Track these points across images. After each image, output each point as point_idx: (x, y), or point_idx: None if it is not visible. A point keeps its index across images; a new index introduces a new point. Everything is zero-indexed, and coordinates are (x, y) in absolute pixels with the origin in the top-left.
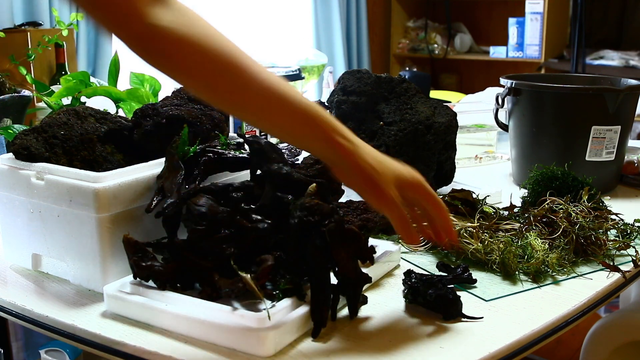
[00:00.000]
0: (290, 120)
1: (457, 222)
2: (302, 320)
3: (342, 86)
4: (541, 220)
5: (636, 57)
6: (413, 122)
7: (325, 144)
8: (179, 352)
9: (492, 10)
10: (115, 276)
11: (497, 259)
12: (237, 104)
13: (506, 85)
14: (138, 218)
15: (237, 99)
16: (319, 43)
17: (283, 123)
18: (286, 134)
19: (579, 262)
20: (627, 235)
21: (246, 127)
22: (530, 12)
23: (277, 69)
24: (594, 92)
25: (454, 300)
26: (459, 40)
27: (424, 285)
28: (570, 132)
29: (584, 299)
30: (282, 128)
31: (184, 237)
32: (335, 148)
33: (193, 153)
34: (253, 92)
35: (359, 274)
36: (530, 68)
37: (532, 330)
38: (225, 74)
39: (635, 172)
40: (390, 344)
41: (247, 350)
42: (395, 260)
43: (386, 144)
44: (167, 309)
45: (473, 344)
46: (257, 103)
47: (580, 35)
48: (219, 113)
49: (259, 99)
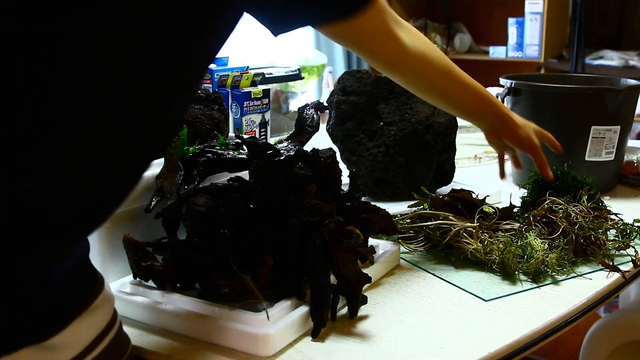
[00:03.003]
0: (476, 101)
1: (456, 222)
2: (302, 320)
3: (342, 86)
4: (541, 220)
5: (636, 57)
6: (413, 122)
7: (498, 117)
8: (179, 352)
9: (491, 10)
10: (115, 276)
11: (497, 259)
12: (450, 97)
13: (506, 85)
14: (137, 218)
15: (453, 93)
16: (319, 43)
17: (471, 104)
18: (469, 111)
19: (579, 262)
20: (627, 235)
21: (246, 127)
22: (530, 12)
23: (277, 69)
24: (593, 92)
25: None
26: (458, 40)
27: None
28: (569, 132)
29: (584, 299)
30: (468, 107)
31: (184, 237)
32: (503, 118)
33: (192, 153)
34: (459, 86)
35: (358, 274)
36: (529, 68)
37: (531, 330)
38: (447, 75)
39: (634, 172)
40: (390, 344)
41: (247, 350)
42: (395, 260)
43: (386, 144)
44: (167, 309)
45: (473, 344)
46: (458, 92)
47: (580, 35)
48: (219, 113)
49: (461, 89)
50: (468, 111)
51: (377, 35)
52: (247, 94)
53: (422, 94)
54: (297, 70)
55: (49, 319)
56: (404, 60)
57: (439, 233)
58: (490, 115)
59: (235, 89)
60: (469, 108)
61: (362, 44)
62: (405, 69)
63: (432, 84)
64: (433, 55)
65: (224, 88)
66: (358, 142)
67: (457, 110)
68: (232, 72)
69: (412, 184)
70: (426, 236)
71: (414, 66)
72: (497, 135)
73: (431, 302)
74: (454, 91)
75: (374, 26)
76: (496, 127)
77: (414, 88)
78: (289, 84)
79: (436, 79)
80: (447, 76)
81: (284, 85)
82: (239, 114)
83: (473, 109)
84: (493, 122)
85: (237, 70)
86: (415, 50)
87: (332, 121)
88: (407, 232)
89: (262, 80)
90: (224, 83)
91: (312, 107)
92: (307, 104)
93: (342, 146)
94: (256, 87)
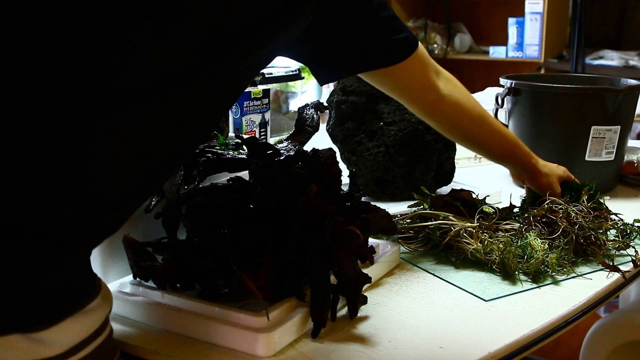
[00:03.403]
0: (504, 148)
1: (456, 222)
2: (302, 320)
3: (342, 86)
4: (541, 220)
5: (636, 57)
6: (413, 122)
7: (523, 164)
8: (179, 352)
9: (491, 10)
10: (115, 276)
11: (497, 259)
12: (479, 142)
13: (506, 85)
14: (138, 218)
15: (482, 139)
16: None
17: (499, 150)
18: (497, 155)
19: (579, 262)
20: (627, 235)
21: (246, 127)
22: (530, 12)
23: (277, 69)
24: (593, 92)
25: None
26: (458, 40)
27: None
28: (570, 132)
29: (584, 299)
30: (496, 153)
31: (184, 237)
32: (529, 166)
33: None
34: (490, 133)
35: (358, 274)
36: (529, 68)
37: (531, 330)
38: (479, 123)
39: (634, 172)
40: (390, 344)
41: (247, 351)
42: (395, 260)
43: (386, 144)
44: (167, 309)
45: (473, 344)
46: (489, 138)
47: (580, 35)
48: None
49: (491, 136)
50: (496, 155)
51: (415, 84)
52: (247, 94)
53: (453, 138)
54: (297, 70)
55: (41, 312)
56: (439, 108)
57: (439, 233)
58: (517, 161)
59: None
60: (497, 153)
61: (399, 91)
62: (440, 116)
63: (464, 131)
64: (467, 104)
65: None
66: (358, 142)
67: (485, 153)
68: None
69: (412, 184)
70: (426, 236)
71: (448, 114)
72: (519, 177)
73: (431, 302)
74: (484, 138)
75: (413, 76)
76: (524, 171)
77: (446, 133)
78: (289, 84)
79: (468, 126)
80: (479, 124)
81: (284, 85)
82: (239, 114)
83: (500, 154)
84: (519, 167)
85: None
86: (451, 99)
87: (332, 121)
88: (407, 232)
89: (262, 80)
90: None
91: (312, 107)
92: (307, 104)
93: (342, 146)
94: (256, 87)
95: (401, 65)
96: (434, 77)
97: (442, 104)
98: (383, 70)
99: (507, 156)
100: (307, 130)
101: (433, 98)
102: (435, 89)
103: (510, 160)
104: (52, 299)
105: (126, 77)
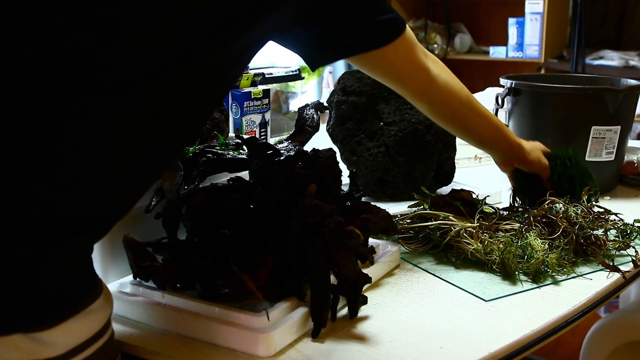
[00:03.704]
0: (492, 131)
1: (457, 223)
2: (302, 321)
3: (342, 86)
4: (541, 220)
5: (636, 57)
6: (413, 122)
7: (509, 145)
8: (179, 352)
9: (492, 11)
10: (115, 276)
11: (497, 259)
12: (469, 125)
13: (506, 85)
14: (138, 218)
15: (471, 121)
16: None
17: (487, 133)
18: (485, 140)
19: (579, 262)
20: (627, 236)
21: (246, 127)
22: (530, 12)
23: (277, 69)
24: (593, 92)
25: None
26: (458, 40)
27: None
28: (570, 132)
29: (584, 299)
30: (484, 137)
31: (184, 237)
32: (514, 146)
33: (192, 153)
34: (478, 116)
35: (359, 274)
36: (530, 68)
37: (532, 330)
38: (468, 104)
39: (635, 172)
40: (390, 344)
41: (247, 351)
42: (395, 260)
43: (386, 144)
44: (167, 309)
45: (473, 344)
46: (477, 121)
47: (580, 36)
48: (219, 113)
49: (479, 119)
50: (485, 140)
51: (406, 65)
52: (247, 94)
53: (444, 122)
54: (297, 70)
55: (43, 312)
56: (431, 89)
57: (439, 233)
58: (504, 143)
59: (236, 89)
60: (486, 137)
61: (391, 73)
62: (432, 98)
63: (455, 113)
64: (457, 85)
65: None
66: (358, 142)
67: (475, 139)
68: None
69: (412, 184)
70: (426, 236)
71: (439, 95)
72: (509, 163)
73: (431, 302)
74: (473, 120)
75: (404, 56)
76: (509, 155)
77: (437, 116)
78: (289, 84)
79: (459, 108)
80: (468, 106)
81: (284, 86)
82: (239, 114)
83: (489, 137)
84: (506, 150)
85: None
86: (442, 79)
87: (332, 121)
88: (407, 232)
89: (262, 80)
90: None
91: (312, 107)
92: (307, 104)
93: (342, 146)
94: (256, 87)
95: (392, 46)
96: (423, 58)
97: (434, 85)
98: (375, 53)
99: (496, 138)
100: (307, 131)
101: (424, 78)
102: (426, 69)
103: (498, 143)
104: (53, 299)
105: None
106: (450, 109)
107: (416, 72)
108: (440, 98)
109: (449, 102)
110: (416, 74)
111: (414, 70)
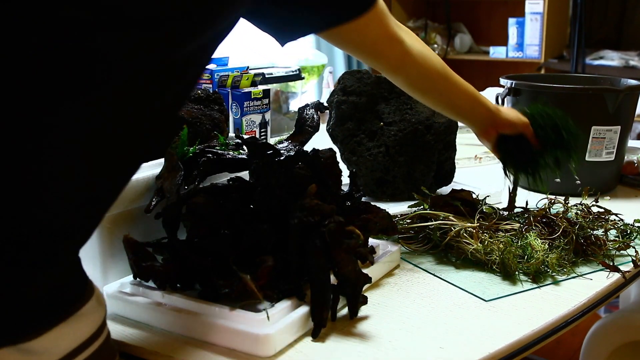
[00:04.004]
0: (469, 100)
1: (457, 223)
2: (302, 321)
3: (342, 86)
4: (541, 220)
5: (636, 57)
6: (413, 122)
7: (489, 112)
8: (179, 352)
9: (492, 10)
10: (115, 276)
11: (497, 259)
12: (447, 95)
13: (506, 85)
14: (138, 218)
15: (449, 92)
16: (319, 43)
17: (465, 101)
18: (464, 108)
19: (579, 263)
20: (627, 236)
21: (246, 127)
22: (530, 12)
23: (277, 69)
24: (593, 92)
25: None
26: (458, 40)
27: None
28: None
29: (584, 299)
30: (463, 105)
31: (184, 237)
32: (494, 112)
33: (192, 153)
34: (455, 86)
35: (359, 274)
36: (530, 68)
37: (532, 330)
38: (444, 75)
39: (635, 172)
40: (390, 344)
41: (247, 351)
42: (395, 260)
43: (386, 144)
44: (167, 309)
45: (473, 344)
46: (455, 92)
47: (580, 36)
48: (219, 113)
49: (457, 89)
50: (463, 111)
51: (380, 38)
52: (247, 94)
53: (421, 95)
54: (297, 70)
55: (30, 320)
56: (407, 61)
57: (439, 233)
58: (483, 109)
59: (236, 89)
60: (464, 107)
61: (366, 47)
62: (409, 70)
63: (433, 84)
64: (432, 56)
65: (224, 88)
66: (358, 142)
67: (453, 110)
68: (232, 72)
69: (412, 184)
70: (426, 236)
71: (416, 67)
72: (490, 131)
73: (431, 302)
74: (451, 90)
75: (377, 28)
76: (489, 121)
77: (414, 89)
78: (289, 84)
79: (436, 79)
80: (444, 76)
81: (284, 86)
82: (239, 114)
83: (468, 108)
84: (486, 116)
85: (237, 70)
86: (417, 50)
87: (332, 121)
88: (407, 232)
89: (262, 81)
90: (224, 83)
91: (312, 107)
92: (307, 104)
93: (342, 146)
94: (256, 87)
95: (365, 18)
96: (397, 29)
97: (409, 57)
98: (346, 27)
99: (475, 105)
100: (307, 131)
101: (400, 50)
102: (400, 40)
103: (478, 110)
104: (40, 306)
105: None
106: (427, 80)
107: (390, 45)
108: (416, 69)
109: (425, 73)
110: (391, 47)
111: (388, 42)
